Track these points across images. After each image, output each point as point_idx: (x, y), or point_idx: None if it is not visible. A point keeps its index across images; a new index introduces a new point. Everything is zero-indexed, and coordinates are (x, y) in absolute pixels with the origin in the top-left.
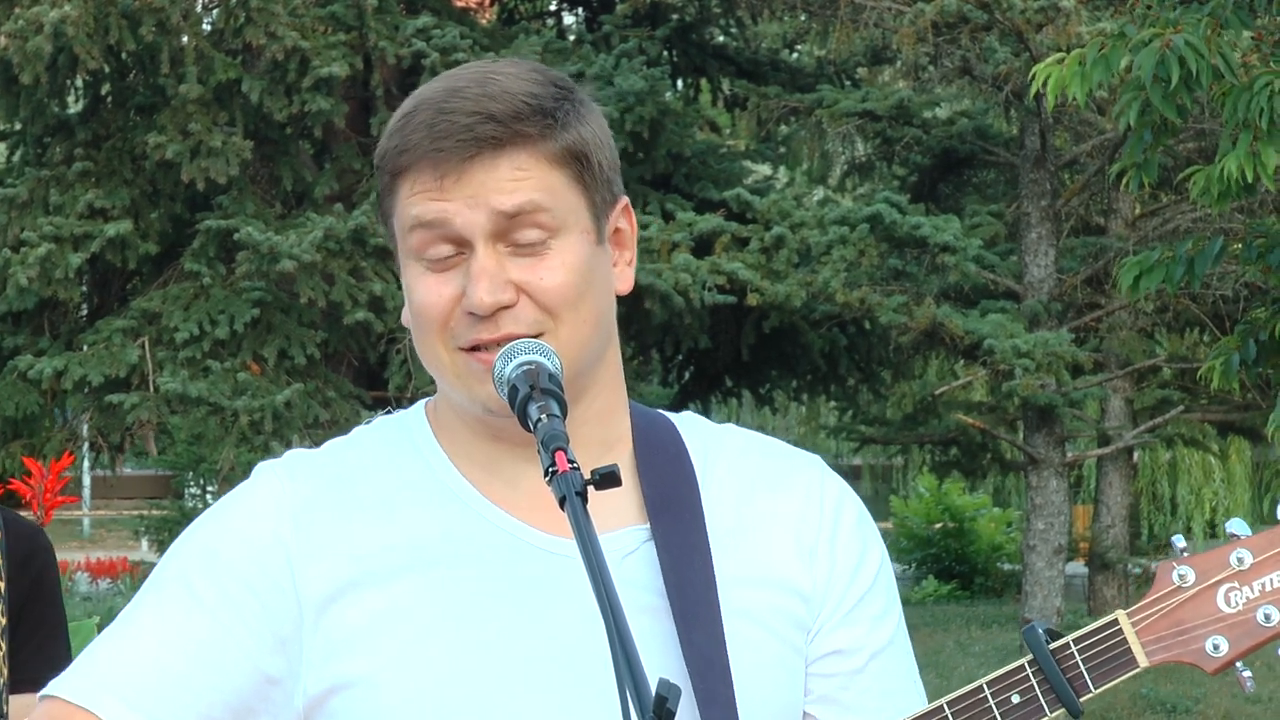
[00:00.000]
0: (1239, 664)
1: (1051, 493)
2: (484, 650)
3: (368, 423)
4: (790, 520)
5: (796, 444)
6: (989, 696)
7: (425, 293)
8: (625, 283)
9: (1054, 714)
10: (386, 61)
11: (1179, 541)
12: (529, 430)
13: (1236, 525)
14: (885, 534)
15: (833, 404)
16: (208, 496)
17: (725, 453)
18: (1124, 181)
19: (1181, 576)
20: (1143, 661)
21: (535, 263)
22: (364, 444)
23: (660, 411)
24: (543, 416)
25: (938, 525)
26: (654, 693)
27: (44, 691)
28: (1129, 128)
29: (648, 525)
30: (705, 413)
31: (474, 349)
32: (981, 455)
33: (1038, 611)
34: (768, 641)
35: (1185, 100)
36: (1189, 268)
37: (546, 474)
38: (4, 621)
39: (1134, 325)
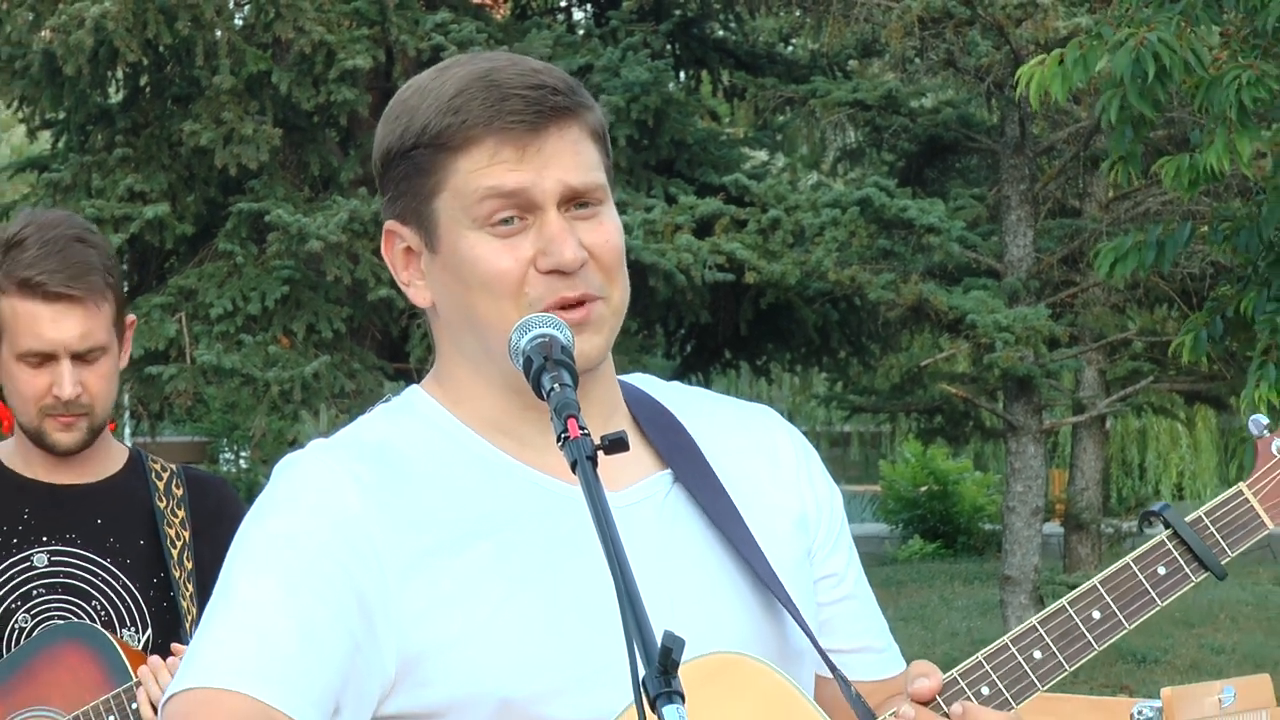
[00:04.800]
0: None
1: (1029, 458)
2: (560, 604)
3: (367, 413)
4: (767, 455)
5: (791, 413)
6: (1137, 572)
7: (498, 257)
8: None
9: (1198, 580)
10: (407, 54)
11: (1262, 419)
12: (542, 399)
13: None
14: (874, 496)
15: (824, 375)
16: (241, 461)
17: (690, 403)
18: (1112, 175)
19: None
20: (1270, 524)
21: (594, 225)
22: (380, 429)
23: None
24: (555, 386)
25: (923, 488)
26: (659, 644)
27: (178, 687)
28: (1110, 124)
29: (669, 470)
30: (706, 383)
31: (559, 307)
32: (964, 423)
33: (1017, 569)
34: (787, 556)
35: (1160, 94)
36: (1160, 251)
37: (559, 439)
38: (190, 566)
39: (1107, 301)
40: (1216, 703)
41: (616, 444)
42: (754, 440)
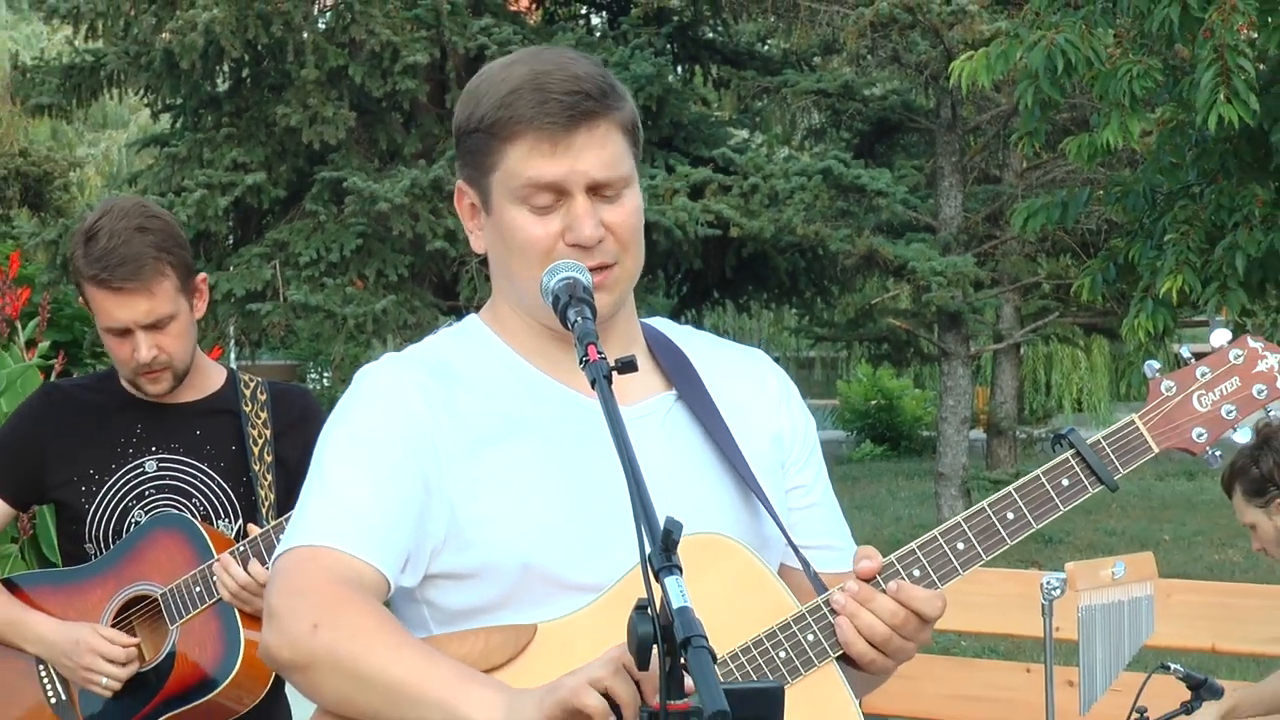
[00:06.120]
0: (1210, 447)
1: (959, 378)
2: (576, 491)
3: (434, 334)
4: (755, 385)
5: (766, 341)
6: (1045, 483)
7: (533, 230)
8: None
9: (1094, 491)
10: (458, 52)
11: (1154, 364)
12: (568, 330)
13: (1187, 350)
14: (832, 409)
15: (794, 311)
16: (324, 380)
17: (696, 343)
18: (1019, 146)
19: (1169, 388)
20: (1155, 448)
21: (616, 207)
22: (441, 348)
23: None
24: (578, 319)
25: (873, 402)
26: (662, 527)
27: (284, 547)
28: (1026, 106)
29: (674, 391)
30: (699, 317)
31: None
32: (906, 349)
33: (948, 466)
34: (765, 465)
35: (1066, 84)
36: (1064, 211)
37: (581, 362)
38: (270, 459)
39: (1021, 251)
40: (1110, 575)
41: (627, 366)
42: (745, 373)
